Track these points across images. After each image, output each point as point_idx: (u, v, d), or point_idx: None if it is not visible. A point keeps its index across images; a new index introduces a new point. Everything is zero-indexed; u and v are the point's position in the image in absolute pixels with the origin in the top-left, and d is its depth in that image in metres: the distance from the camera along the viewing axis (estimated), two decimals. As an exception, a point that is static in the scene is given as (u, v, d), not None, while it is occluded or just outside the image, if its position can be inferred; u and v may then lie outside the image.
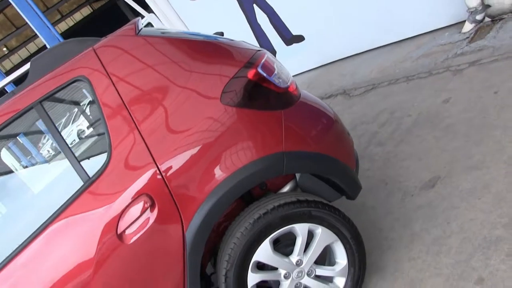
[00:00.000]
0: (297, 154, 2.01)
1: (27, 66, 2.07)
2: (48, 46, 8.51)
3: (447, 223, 2.31)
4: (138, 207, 1.84)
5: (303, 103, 2.14)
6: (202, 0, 5.81)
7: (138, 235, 1.85)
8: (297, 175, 2.20)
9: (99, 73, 1.92)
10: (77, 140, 2.10)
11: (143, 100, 1.91)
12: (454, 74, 3.50)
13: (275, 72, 2.07)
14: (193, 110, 1.91)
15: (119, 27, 2.07)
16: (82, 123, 2.20)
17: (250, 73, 1.99)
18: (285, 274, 2.07)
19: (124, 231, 1.84)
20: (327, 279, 2.17)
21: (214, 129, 1.91)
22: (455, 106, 3.13)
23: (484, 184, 2.37)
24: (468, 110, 3.00)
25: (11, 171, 2.34)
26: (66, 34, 25.03)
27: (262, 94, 2.01)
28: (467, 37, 3.86)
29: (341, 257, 2.16)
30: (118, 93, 1.90)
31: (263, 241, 1.99)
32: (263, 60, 2.06)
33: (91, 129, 2.15)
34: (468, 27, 3.95)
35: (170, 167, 1.87)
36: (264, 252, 2.00)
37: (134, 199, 1.84)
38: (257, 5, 5.41)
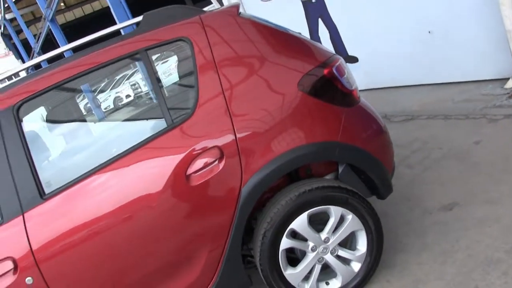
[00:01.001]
0: (349, 147, 2.38)
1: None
2: (112, 9, 8.91)
3: (456, 240, 2.65)
4: (209, 156, 2.21)
5: (361, 108, 2.52)
6: (273, 3, 6.24)
7: (203, 180, 2.21)
8: (340, 168, 2.57)
9: (201, 37, 2.31)
10: (169, 89, 2.45)
11: (232, 68, 2.30)
12: (489, 122, 3.84)
13: (345, 75, 2.46)
14: (273, 86, 2.30)
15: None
16: (176, 76, 2.56)
17: (326, 70, 2.38)
18: (312, 247, 2.42)
19: (191, 174, 2.21)
20: (346, 261, 2.52)
21: (286, 107, 2.29)
22: (484, 149, 3.47)
23: (496, 216, 2.71)
24: (494, 154, 3.34)
25: (108, 99, 2.72)
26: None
27: (331, 90, 2.39)
28: (507, 93, 4.20)
29: (362, 245, 2.51)
30: (213, 57, 2.29)
31: (302, 213, 2.35)
32: (337, 63, 2.45)
33: (183, 83, 2.52)
34: (510, 84, 4.29)
35: (243, 130, 2.24)
36: (300, 223, 2.36)
37: (208, 149, 2.21)
38: (322, 19, 5.82)
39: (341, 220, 2.44)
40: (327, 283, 2.53)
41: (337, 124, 2.37)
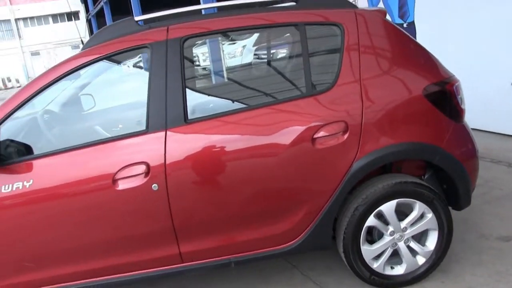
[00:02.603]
0: (448, 155, 2.72)
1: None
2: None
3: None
4: (336, 128, 2.57)
5: (465, 127, 2.86)
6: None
7: (325, 146, 2.57)
8: (427, 174, 2.91)
9: (352, 27, 2.68)
10: (314, 64, 2.77)
11: (372, 59, 2.67)
12: (551, 179, 4.13)
13: (460, 95, 2.81)
14: (403, 84, 2.66)
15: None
16: (321, 54, 2.90)
17: (449, 86, 2.72)
18: (391, 231, 2.75)
19: (317, 138, 2.56)
20: (413, 253, 2.84)
21: (409, 105, 2.64)
22: (543, 200, 3.77)
23: (551, 255, 3.01)
24: (554, 206, 3.63)
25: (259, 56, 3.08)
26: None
27: (448, 103, 2.73)
28: None
29: (431, 243, 2.83)
30: (359, 47, 2.65)
31: (392, 199, 2.69)
32: (457, 83, 2.80)
33: (327, 61, 2.86)
34: None
35: (369, 115, 2.59)
36: (389, 208, 2.70)
37: (336, 122, 2.57)
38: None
39: (421, 216, 2.77)
40: (392, 268, 2.85)
41: (445, 133, 2.71)
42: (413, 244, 2.81)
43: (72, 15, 37.02)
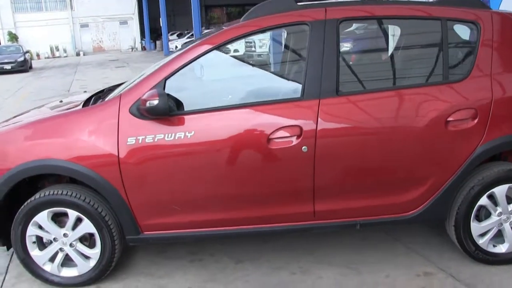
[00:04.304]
0: None
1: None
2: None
3: None
4: (467, 114, 2.87)
5: None
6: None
7: (457, 129, 2.85)
8: None
9: (488, 25, 2.95)
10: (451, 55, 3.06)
11: (502, 56, 2.95)
12: None
13: None
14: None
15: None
16: (458, 47, 3.19)
17: None
18: (499, 213, 3.02)
19: (450, 121, 2.84)
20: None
21: None
22: None
23: None
24: None
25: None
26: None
27: None
28: None
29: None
30: (492, 44, 2.93)
31: (505, 183, 2.97)
32: None
33: (461, 54, 3.13)
34: None
35: (498, 105, 2.87)
36: (501, 191, 2.98)
37: (468, 108, 2.87)
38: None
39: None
40: (494, 246, 3.14)
41: None
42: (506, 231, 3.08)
43: (123, -9, 37.84)
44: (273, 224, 3.01)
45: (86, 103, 3.27)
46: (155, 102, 2.65)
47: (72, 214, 2.91)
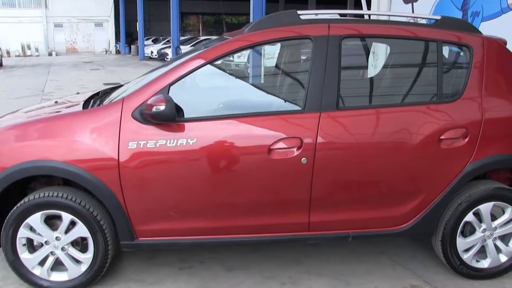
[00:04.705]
0: None
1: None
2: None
3: None
4: (458, 133, 2.99)
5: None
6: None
7: (448, 146, 2.97)
8: None
9: (480, 50, 3.09)
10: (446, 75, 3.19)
11: (492, 79, 3.09)
12: None
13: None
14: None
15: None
16: (451, 69, 3.33)
17: None
18: (483, 229, 3.15)
19: (443, 139, 2.96)
20: (498, 250, 3.21)
21: None
22: None
23: None
24: None
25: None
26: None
27: None
28: None
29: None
30: (484, 67, 3.07)
31: (490, 201, 3.09)
32: None
33: (456, 75, 3.25)
34: None
35: (487, 125, 3.00)
36: (486, 208, 3.10)
37: (459, 127, 2.98)
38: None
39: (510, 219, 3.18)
40: (477, 261, 3.26)
41: None
42: (499, 243, 3.21)
43: (99, -7, 37.40)
44: (268, 233, 3.05)
45: (85, 104, 3.25)
46: (162, 107, 2.66)
47: (66, 217, 2.88)
